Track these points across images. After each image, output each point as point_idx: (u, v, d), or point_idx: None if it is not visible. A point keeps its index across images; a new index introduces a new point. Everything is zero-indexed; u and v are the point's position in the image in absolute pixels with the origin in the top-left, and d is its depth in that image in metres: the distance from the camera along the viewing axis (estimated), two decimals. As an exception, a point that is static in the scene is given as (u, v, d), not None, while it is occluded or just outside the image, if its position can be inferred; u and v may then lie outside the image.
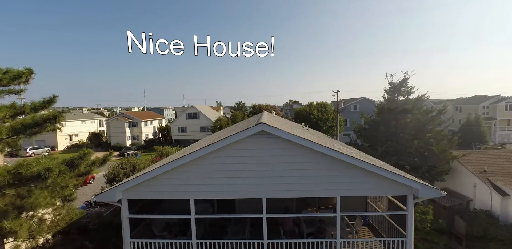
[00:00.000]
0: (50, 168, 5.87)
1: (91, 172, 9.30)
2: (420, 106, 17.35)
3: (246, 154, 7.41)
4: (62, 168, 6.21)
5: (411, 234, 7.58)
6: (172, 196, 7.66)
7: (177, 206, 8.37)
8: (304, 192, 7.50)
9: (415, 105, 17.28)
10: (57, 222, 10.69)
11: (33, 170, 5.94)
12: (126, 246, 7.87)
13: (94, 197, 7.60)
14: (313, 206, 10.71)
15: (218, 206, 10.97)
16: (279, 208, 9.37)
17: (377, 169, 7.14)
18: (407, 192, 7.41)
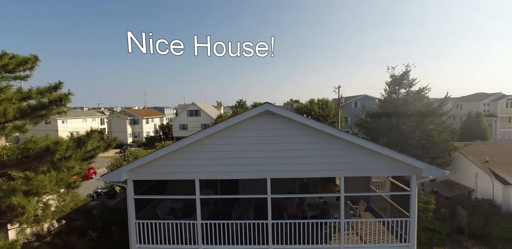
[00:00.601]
0: (58, 141, 5.93)
1: (96, 156, 9.36)
2: (422, 98, 17.40)
3: (251, 135, 7.48)
4: (70, 144, 6.27)
5: (414, 214, 7.64)
6: (177, 176, 7.72)
7: (182, 190, 8.44)
8: (308, 172, 7.56)
9: (416, 97, 17.34)
10: (61, 207, 10.79)
11: (41, 145, 6.00)
12: (132, 226, 7.94)
13: (101, 178, 7.68)
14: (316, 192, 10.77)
15: (222, 192, 11.04)
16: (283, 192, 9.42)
17: (381, 148, 7.21)
18: (410, 172, 7.47)
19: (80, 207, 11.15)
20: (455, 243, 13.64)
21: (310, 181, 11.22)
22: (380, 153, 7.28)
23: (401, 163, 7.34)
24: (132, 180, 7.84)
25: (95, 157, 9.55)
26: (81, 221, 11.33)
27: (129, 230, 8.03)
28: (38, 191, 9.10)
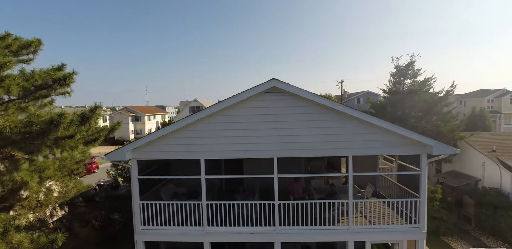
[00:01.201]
0: (63, 114, 5.80)
1: (100, 139, 9.23)
2: (428, 88, 17.21)
3: (257, 113, 7.34)
4: (74, 118, 6.14)
5: (424, 194, 7.48)
6: (181, 156, 7.59)
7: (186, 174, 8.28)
8: (316, 151, 7.40)
9: (422, 87, 17.15)
10: (64, 193, 10.69)
11: (44, 118, 5.87)
12: (136, 207, 7.82)
13: (105, 156, 7.56)
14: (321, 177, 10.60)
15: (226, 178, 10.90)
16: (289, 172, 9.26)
17: (391, 126, 7.05)
18: (420, 151, 7.31)
19: (83, 193, 11.05)
20: (462, 233, 13.43)
21: (316, 167, 11.06)
22: (390, 131, 7.12)
23: (411, 140, 7.18)
24: (136, 160, 7.72)
25: (99, 140, 9.42)
26: (84, 208, 11.24)
27: (133, 211, 7.91)
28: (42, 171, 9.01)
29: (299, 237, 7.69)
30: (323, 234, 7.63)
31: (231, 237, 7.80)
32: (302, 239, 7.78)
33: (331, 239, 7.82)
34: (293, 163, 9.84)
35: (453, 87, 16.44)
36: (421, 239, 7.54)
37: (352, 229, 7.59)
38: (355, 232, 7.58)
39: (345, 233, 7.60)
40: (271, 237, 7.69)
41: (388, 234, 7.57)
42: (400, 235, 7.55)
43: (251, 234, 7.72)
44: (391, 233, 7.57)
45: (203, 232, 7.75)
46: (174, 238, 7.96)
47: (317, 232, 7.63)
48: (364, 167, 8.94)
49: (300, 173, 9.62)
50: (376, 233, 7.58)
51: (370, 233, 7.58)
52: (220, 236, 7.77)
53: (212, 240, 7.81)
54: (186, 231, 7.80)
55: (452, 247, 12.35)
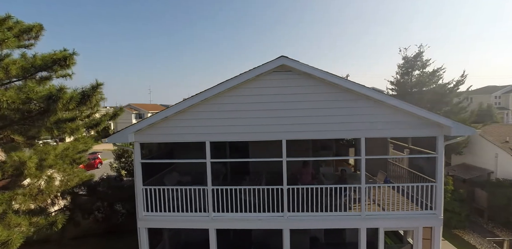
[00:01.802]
0: (62, 88, 5.51)
1: (102, 124, 8.97)
2: (437, 78, 16.77)
3: (264, 93, 7.01)
4: (74, 95, 5.85)
5: (441, 178, 7.11)
6: (186, 138, 7.28)
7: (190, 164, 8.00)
8: (327, 133, 7.06)
9: (431, 77, 16.72)
10: (66, 181, 10.45)
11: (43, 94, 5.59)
12: (139, 193, 7.53)
13: (106, 139, 7.28)
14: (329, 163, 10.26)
15: (231, 165, 10.59)
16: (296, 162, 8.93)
17: (406, 105, 6.68)
18: (437, 132, 6.93)
19: (85, 182, 10.80)
20: (475, 226, 13.01)
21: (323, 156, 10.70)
22: (405, 111, 6.76)
23: (427, 121, 6.81)
24: (139, 143, 7.43)
25: (100, 125, 9.16)
26: (87, 197, 11.00)
27: (136, 197, 7.63)
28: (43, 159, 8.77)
29: (308, 223, 7.36)
30: (334, 221, 7.29)
31: (237, 224, 7.48)
32: (312, 226, 7.44)
33: (342, 225, 7.47)
34: (301, 152, 9.52)
35: (463, 77, 15.99)
36: (437, 226, 7.16)
37: (365, 216, 7.23)
38: (368, 219, 7.23)
39: (357, 219, 7.26)
40: (280, 223, 7.37)
41: (403, 221, 7.20)
42: (416, 221, 7.18)
43: (259, 220, 7.40)
44: (406, 220, 7.20)
45: (209, 219, 7.44)
46: (178, 224, 7.67)
47: (327, 219, 7.29)
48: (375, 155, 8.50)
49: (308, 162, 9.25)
50: (390, 219, 7.21)
51: (384, 219, 7.22)
52: (226, 222, 7.46)
53: (217, 227, 7.50)
54: (191, 218, 7.50)
55: (465, 239, 11.95)
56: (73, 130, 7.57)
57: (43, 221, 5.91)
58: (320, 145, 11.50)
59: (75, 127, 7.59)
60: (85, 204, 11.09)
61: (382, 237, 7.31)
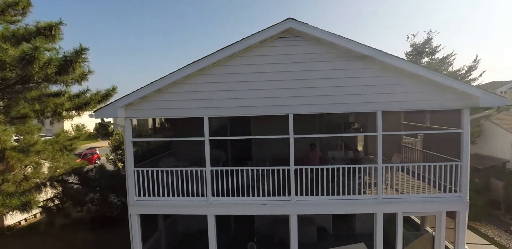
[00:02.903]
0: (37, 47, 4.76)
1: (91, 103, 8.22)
2: (447, 65, 16.01)
3: (269, 61, 6.28)
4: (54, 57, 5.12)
5: (467, 157, 6.36)
6: (182, 113, 6.55)
7: (188, 149, 7.27)
8: (338, 106, 6.32)
9: (441, 64, 15.96)
10: (55, 168, 9.73)
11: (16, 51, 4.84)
12: (130, 176, 6.81)
13: (93, 114, 6.56)
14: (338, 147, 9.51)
15: (232, 151, 9.86)
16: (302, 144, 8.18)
17: (429, 72, 5.94)
18: (462, 105, 6.17)
19: (76, 170, 10.07)
20: (491, 218, 12.23)
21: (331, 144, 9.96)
22: (428, 80, 6.01)
23: (451, 91, 6.05)
24: (130, 119, 6.71)
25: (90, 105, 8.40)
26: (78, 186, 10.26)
27: (126, 180, 6.90)
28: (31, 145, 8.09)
29: (318, 208, 6.62)
30: (346, 205, 6.54)
31: (239, 209, 6.75)
32: (322, 211, 6.71)
33: (355, 210, 6.75)
34: (309, 128, 8.77)
35: (476, 62, 15.23)
36: (463, 210, 6.41)
37: (381, 199, 6.48)
38: (385, 203, 6.48)
39: (373, 203, 6.50)
40: (286, 208, 6.62)
41: (424, 205, 6.45)
42: (439, 205, 6.43)
43: (263, 205, 6.65)
44: (428, 204, 6.44)
45: (207, 203, 6.70)
46: (173, 210, 6.95)
47: (339, 203, 6.54)
48: (386, 142, 7.63)
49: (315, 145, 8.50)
50: (409, 203, 6.46)
51: (403, 203, 6.47)
52: (227, 207, 6.72)
53: (217, 213, 6.77)
54: (187, 203, 6.76)
55: (482, 231, 11.18)
56: (57, 105, 6.84)
57: (16, 202, 5.20)
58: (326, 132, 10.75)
59: (59, 102, 6.86)
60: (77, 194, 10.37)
61: (401, 224, 6.56)
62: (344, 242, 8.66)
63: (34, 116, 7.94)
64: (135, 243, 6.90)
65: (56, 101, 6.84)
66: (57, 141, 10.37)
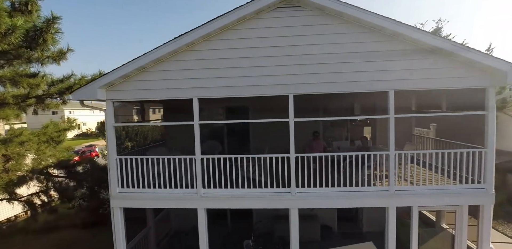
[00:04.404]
0: None
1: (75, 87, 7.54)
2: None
3: (266, 35, 5.55)
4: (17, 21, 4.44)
5: (492, 143, 5.56)
6: (170, 94, 5.86)
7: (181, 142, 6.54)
8: (343, 85, 5.56)
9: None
10: (39, 160, 9.11)
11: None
12: (111, 165, 6.13)
13: (70, 96, 5.90)
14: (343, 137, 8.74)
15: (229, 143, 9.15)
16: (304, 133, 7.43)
17: (449, 43, 5.15)
18: (486, 82, 5.38)
19: (63, 162, 9.44)
20: (508, 216, 11.35)
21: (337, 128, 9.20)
22: (447, 53, 5.24)
23: (475, 66, 5.28)
24: (112, 101, 6.03)
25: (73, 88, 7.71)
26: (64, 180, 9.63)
27: (108, 170, 6.23)
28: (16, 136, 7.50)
29: (321, 202, 5.86)
30: (354, 198, 5.77)
31: (232, 202, 6.02)
32: (326, 205, 5.95)
33: (364, 204, 5.97)
34: (310, 125, 8.04)
35: (489, 51, 14.33)
36: (488, 204, 5.62)
37: (394, 191, 5.70)
38: (398, 195, 5.70)
39: (385, 196, 5.72)
40: (286, 202, 5.87)
41: (443, 197, 5.65)
42: (460, 198, 5.64)
43: (260, 198, 5.92)
44: (447, 196, 5.65)
45: (197, 196, 5.99)
46: (159, 203, 6.25)
47: (346, 196, 5.77)
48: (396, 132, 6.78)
49: (318, 133, 7.75)
50: (426, 196, 5.67)
51: (418, 196, 5.68)
52: (219, 201, 6.00)
53: (208, 206, 6.04)
54: (175, 195, 6.05)
55: (499, 230, 10.31)
56: (32, 86, 6.18)
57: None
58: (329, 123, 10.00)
59: (34, 83, 6.21)
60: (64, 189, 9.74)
61: (416, 219, 5.77)
62: (350, 241, 7.93)
63: (13, 102, 7.30)
64: (117, 240, 6.21)
65: (31, 81, 6.21)
66: (45, 133, 9.77)
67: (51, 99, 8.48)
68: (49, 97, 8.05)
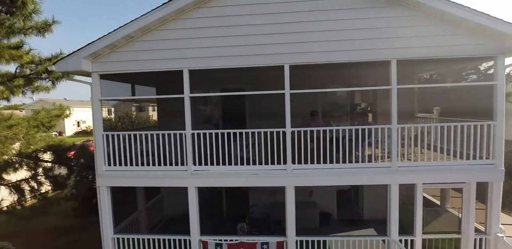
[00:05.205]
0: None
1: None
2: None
3: (259, 1, 5.23)
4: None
5: (501, 116, 5.21)
6: (158, 65, 5.53)
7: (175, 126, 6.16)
8: (343, 53, 5.23)
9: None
10: (27, 144, 8.80)
11: None
12: (98, 140, 5.82)
13: (54, 66, 5.58)
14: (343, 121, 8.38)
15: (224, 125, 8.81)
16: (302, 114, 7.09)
17: (454, 7, 4.81)
18: (495, 49, 5.04)
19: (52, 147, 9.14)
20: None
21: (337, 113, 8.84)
22: (452, 16, 4.89)
23: (483, 32, 4.94)
24: (98, 74, 5.71)
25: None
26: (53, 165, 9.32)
27: (94, 147, 5.92)
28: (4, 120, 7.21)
29: (319, 179, 5.51)
30: (353, 175, 5.42)
31: (225, 180, 5.69)
32: (324, 182, 5.58)
33: (365, 181, 5.62)
34: (310, 104, 7.71)
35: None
36: (497, 181, 5.26)
37: (397, 168, 5.36)
38: (401, 172, 5.35)
39: (386, 173, 5.38)
40: (281, 179, 5.54)
41: (448, 174, 5.30)
42: (467, 174, 5.28)
43: (253, 175, 5.58)
44: (453, 173, 5.29)
45: (187, 173, 5.66)
46: (148, 182, 5.91)
47: (345, 173, 5.42)
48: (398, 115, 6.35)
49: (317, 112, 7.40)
50: (430, 172, 5.32)
51: (422, 172, 5.33)
52: (211, 179, 5.67)
53: (199, 184, 5.72)
54: (165, 173, 5.73)
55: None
56: (14, 57, 5.87)
57: None
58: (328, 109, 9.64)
59: (17, 54, 5.90)
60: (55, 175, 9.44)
61: (421, 197, 5.42)
62: (350, 228, 7.60)
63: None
64: (104, 221, 5.89)
65: (13, 52, 5.90)
66: (36, 118, 9.47)
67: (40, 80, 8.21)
68: (37, 77, 7.76)
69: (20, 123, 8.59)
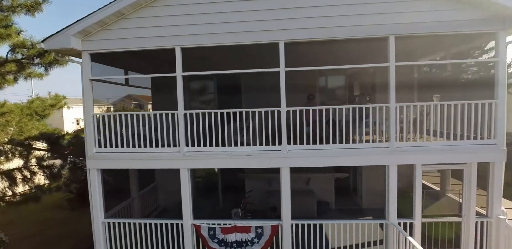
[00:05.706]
0: None
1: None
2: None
3: (255, -25, 5.09)
4: None
5: (503, 93, 5.04)
6: (150, 43, 5.38)
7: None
8: (340, 29, 5.07)
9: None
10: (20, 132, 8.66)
11: None
12: (87, 121, 5.67)
13: (42, 44, 5.43)
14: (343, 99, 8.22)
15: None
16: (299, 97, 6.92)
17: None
18: (496, 25, 4.88)
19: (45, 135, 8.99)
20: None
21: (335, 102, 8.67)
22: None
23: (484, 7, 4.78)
24: (89, 53, 5.56)
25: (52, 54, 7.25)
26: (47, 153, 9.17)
27: (84, 128, 5.77)
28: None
29: (315, 160, 5.35)
30: (350, 156, 5.26)
31: (218, 162, 5.54)
32: (320, 163, 5.41)
33: (361, 162, 5.48)
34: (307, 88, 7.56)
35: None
36: (499, 161, 5.10)
37: (395, 148, 5.19)
38: (400, 152, 5.19)
39: (384, 153, 5.21)
40: (276, 160, 5.38)
41: (448, 154, 5.14)
42: (467, 155, 5.12)
43: (247, 156, 5.42)
44: (453, 153, 5.13)
45: (180, 155, 5.50)
46: (139, 164, 5.76)
47: (341, 154, 5.27)
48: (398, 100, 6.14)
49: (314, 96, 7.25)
50: (430, 152, 5.15)
51: (422, 152, 5.17)
52: (204, 160, 5.51)
53: (191, 166, 5.57)
54: (157, 154, 5.57)
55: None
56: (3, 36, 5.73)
57: None
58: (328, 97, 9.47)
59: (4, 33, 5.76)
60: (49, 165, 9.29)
61: (420, 179, 5.25)
62: (349, 217, 7.42)
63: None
64: (94, 205, 5.72)
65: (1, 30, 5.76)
66: (29, 107, 9.36)
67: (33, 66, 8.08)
68: (29, 62, 7.63)
69: (13, 110, 8.46)
